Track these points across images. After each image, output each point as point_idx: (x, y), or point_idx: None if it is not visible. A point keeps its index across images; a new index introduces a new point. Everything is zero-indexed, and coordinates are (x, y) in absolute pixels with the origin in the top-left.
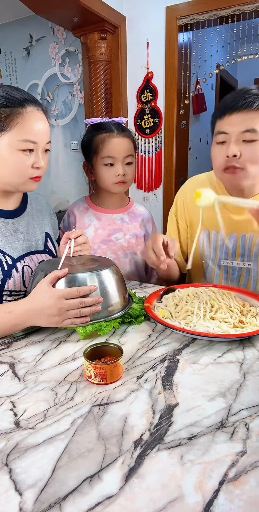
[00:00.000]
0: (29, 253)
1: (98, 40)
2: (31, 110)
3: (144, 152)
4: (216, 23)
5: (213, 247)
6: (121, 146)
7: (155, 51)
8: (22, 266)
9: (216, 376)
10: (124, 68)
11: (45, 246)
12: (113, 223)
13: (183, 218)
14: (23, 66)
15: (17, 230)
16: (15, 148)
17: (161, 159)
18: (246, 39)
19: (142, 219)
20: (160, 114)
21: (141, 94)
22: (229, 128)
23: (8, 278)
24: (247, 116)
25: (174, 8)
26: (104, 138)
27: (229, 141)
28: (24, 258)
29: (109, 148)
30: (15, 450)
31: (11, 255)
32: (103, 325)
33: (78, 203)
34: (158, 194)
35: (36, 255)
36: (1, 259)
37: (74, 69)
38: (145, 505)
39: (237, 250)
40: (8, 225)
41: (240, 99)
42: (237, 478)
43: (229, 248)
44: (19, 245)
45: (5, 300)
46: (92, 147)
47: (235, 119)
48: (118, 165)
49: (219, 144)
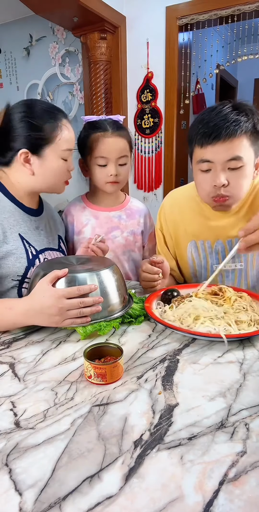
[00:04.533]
0: (48, 248)
1: (98, 40)
2: (65, 122)
3: (144, 152)
4: (216, 23)
5: (202, 255)
6: (115, 146)
7: (155, 51)
8: (43, 258)
9: (216, 376)
10: (124, 68)
11: (59, 246)
12: (111, 221)
13: (168, 232)
14: (23, 66)
15: (38, 227)
16: (59, 157)
17: (161, 159)
18: (246, 39)
19: (139, 215)
20: (160, 114)
21: (141, 94)
22: (213, 157)
23: (32, 267)
24: (231, 145)
25: (174, 8)
26: (98, 137)
27: (215, 169)
28: (45, 251)
29: (102, 148)
30: (15, 450)
31: (35, 247)
32: (103, 325)
33: (74, 202)
34: (158, 194)
35: (54, 252)
36: (28, 248)
37: (74, 69)
38: (145, 505)
39: (227, 254)
40: (32, 222)
41: (221, 129)
42: (237, 478)
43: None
44: (41, 240)
45: (25, 288)
46: (86, 145)
47: (219, 148)
48: (111, 166)
49: (204, 172)
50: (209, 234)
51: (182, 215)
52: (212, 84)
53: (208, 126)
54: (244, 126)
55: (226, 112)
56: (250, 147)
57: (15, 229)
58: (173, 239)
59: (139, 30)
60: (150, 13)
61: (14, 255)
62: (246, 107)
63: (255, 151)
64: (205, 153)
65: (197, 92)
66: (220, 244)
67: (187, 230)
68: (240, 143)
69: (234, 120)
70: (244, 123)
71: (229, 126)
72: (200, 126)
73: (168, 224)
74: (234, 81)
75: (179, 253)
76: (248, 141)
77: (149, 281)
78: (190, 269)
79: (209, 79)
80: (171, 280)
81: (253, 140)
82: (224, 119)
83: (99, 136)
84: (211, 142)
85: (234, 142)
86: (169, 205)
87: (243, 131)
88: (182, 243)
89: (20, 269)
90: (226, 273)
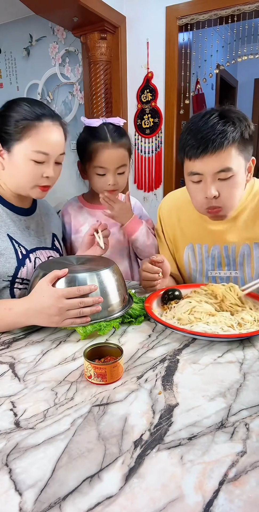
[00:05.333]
0: (39, 247)
1: (98, 40)
2: (47, 124)
3: (144, 152)
4: (216, 23)
5: (198, 260)
6: (114, 157)
7: (155, 51)
8: (34, 258)
9: (216, 376)
10: (124, 68)
11: (52, 244)
12: (108, 219)
13: (166, 235)
14: (23, 66)
15: (28, 227)
16: (28, 158)
17: (161, 159)
18: (246, 39)
19: (133, 210)
20: (160, 114)
21: (141, 94)
22: (202, 169)
23: (22, 267)
24: (219, 157)
25: (174, 8)
26: (98, 147)
27: (205, 181)
28: (35, 251)
29: (102, 159)
30: (15, 450)
31: (25, 246)
32: (103, 325)
33: (71, 202)
34: (158, 194)
35: (46, 251)
36: (17, 248)
37: (74, 69)
38: (145, 505)
39: (222, 260)
40: (21, 221)
41: (208, 142)
42: (237, 478)
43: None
44: (31, 239)
45: (17, 288)
46: (86, 152)
47: (207, 161)
48: (110, 175)
49: (195, 183)
50: (207, 238)
51: (180, 217)
52: (212, 84)
53: (196, 138)
54: (231, 137)
55: (212, 123)
56: (239, 156)
57: (3, 229)
58: (172, 241)
59: (139, 30)
60: (150, 13)
61: (3, 255)
62: (233, 115)
63: (244, 157)
64: (194, 166)
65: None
66: (216, 249)
67: (185, 233)
68: (228, 155)
69: (221, 132)
70: (231, 133)
71: (215, 138)
72: (188, 137)
73: (166, 227)
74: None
75: (177, 256)
76: (236, 150)
77: (149, 280)
78: (186, 273)
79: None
80: (172, 281)
81: (241, 148)
82: (210, 131)
83: (99, 147)
84: (199, 155)
85: (222, 155)
86: (167, 208)
87: (230, 142)
88: (180, 246)
89: (10, 270)
90: (220, 280)
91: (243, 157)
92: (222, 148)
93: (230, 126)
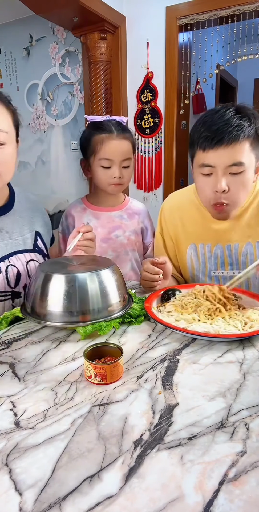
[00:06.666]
0: (15, 252)
1: (98, 40)
2: None
3: (144, 152)
4: (216, 23)
5: (201, 260)
6: (120, 149)
7: (155, 51)
8: (6, 266)
9: (216, 376)
10: (124, 68)
11: (34, 245)
12: (112, 221)
13: (168, 236)
14: (23, 66)
15: (2, 229)
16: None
17: (161, 159)
18: (246, 39)
19: (139, 215)
20: (160, 114)
21: (141, 94)
22: (215, 161)
23: None
24: (233, 150)
25: (174, 8)
26: (102, 139)
27: (216, 174)
28: (9, 257)
29: (107, 150)
30: (15, 450)
31: None
32: (103, 325)
33: (75, 204)
34: (158, 194)
35: (24, 254)
36: None
37: (74, 69)
38: (145, 505)
39: (225, 259)
40: None
41: (224, 134)
42: (237, 478)
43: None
44: (3, 245)
45: None
46: (90, 146)
47: (221, 153)
48: (115, 168)
49: (205, 176)
50: (210, 237)
51: (183, 217)
52: (212, 84)
53: (211, 130)
54: (247, 131)
55: (229, 116)
56: (251, 152)
57: None
58: (174, 242)
59: (139, 30)
60: (150, 13)
61: None
62: (249, 112)
63: (256, 156)
64: (207, 158)
65: (197, 92)
66: (219, 249)
67: (187, 233)
68: (242, 148)
69: (237, 125)
70: (247, 128)
71: (231, 131)
72: (203, 129)
73: (168, 227)
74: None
75: (179, 256)
76: (250, 146)
77: (149, 280)
78: (189, 273)
79: (209, 79)
80: (173, 282)
81: (254, 145)
82: (226, 123)
83: (104, 138)
84: (213, 146)
85: (236, 147)
86: (169, 208)
87: (246, 136)
88: (183, 246)
89: None
90: (223, 280)
91: (254, 155)
92: (237, 141)
93: (246, 121)
